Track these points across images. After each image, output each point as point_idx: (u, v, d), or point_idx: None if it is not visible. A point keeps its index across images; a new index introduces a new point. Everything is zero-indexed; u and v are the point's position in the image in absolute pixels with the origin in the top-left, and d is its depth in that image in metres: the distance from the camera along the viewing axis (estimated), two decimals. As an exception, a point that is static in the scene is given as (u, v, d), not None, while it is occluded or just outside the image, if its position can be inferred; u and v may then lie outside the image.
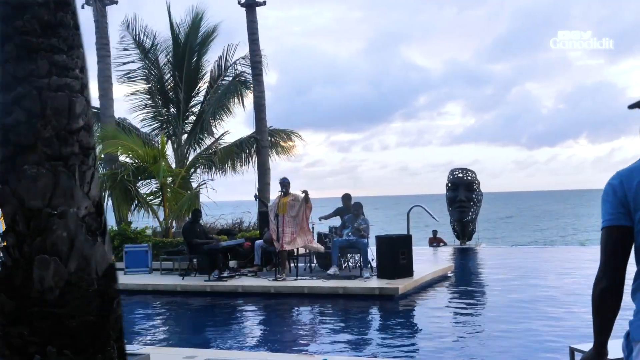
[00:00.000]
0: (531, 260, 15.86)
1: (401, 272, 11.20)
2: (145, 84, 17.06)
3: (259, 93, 16.42)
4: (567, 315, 8.49)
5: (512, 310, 9.08)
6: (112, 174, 14.38)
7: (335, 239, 11.92)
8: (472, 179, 22.02)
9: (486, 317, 8.86)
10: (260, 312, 9.97)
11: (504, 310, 9.08)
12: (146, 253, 13.36)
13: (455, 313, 9.33)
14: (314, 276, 11.77)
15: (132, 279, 12.51)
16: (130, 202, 14.71)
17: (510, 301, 9.78)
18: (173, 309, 10.50)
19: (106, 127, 15.00)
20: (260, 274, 12.30)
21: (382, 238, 11.46)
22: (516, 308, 9.20)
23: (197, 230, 12.38)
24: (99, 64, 15.34)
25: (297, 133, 17.99)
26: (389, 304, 9.98)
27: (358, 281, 11.02)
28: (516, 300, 9.79)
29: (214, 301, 10.76)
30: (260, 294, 10.91)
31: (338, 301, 10.27)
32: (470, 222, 21.93)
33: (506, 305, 9.50)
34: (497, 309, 9.32)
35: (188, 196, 14.10)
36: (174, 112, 17.10)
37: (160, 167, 13.91)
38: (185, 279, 12.10)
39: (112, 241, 13.96)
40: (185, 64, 16.70)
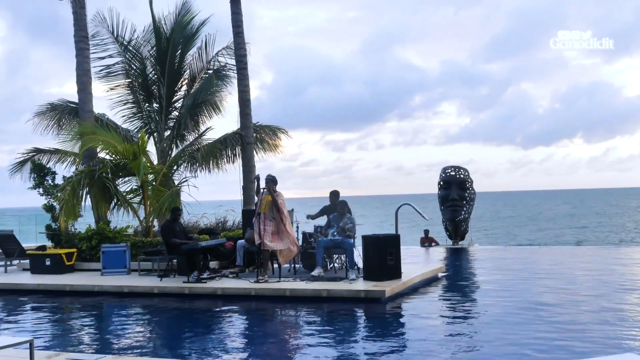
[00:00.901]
0: (526, 260, 15.36)
1: (389, 274, 10.70)
2: (126, 79, 16.47)
3: (244, 88, 15.85)
4: (566, 320, 7.99)
5: (507, 314, 8.57)
6: (89, 171, 13.81)
7: (320, 239, 11.40)
8: (464, 177, 21.52)
9: (479, 321, 8.34)
10: (237, 317, 9.43)
11: (497, 315, 8.57)
12: (124, 253, 12.83)
13: (445, 317, 8.81)
14: (298, 277, 11.25)
15: (108, 280, 11.96)
16: (109, 201, 14.14)
17: (504, 305, 9.27)
18: (147, 312, 9.95)
19: (85, 123, 14.42)
20: (242, 275, 11.77)
21: (369, 238, 10.94)
22: (511, 312, 8.69)
23: (177, 230, 11.84)
24: (78, 57, 14.70)
25: (283, 129, 17.44)
26: (375, 308, 9.46)
27: (343, 283, 10.50)
28: (511, 304, 9.29)
29: (191, 304, 10.23)
30: (240, 297, 10.38)
31: (321, 304, 9.75)
32: (462, 221, 21.45)
33: (500, 309, 8.99)
34: (490, 313, 8.80)
35: (169, 194, 13.54)
36: (157, 107, 16.54)
37: (140, 163, 13.35)
38: (163, 280, 11.58)
39: (90, 240, 13.49)
40: (169, 58, 16.14)
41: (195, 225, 14.94)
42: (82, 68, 14.74)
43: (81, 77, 14.72)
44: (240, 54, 15.88)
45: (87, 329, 8.86)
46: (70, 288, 11.65)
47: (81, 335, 8.37)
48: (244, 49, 15.89)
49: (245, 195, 15.55)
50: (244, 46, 15.88)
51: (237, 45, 15.92)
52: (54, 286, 11.80)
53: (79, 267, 13.54)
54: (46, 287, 11.84)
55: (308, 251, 12.08)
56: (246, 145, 15.77)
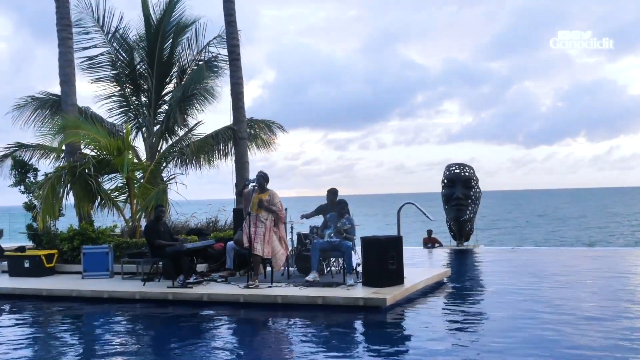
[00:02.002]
0: (537, 264, 14.47)
1: (390, 279, 9.84)
2: (112, 71, 15.58)
3: (237, 80, 14.99)
4: (587, 330, 7.13)
5: (520, 324, 7.72)
6: (70, 167, 12.95)
7: (315, 241, 10.54)
8: (469, 175, 20.65)
9: (489, 334, 7.49)
10: (223, 327, 8.57)
11: (510, 327, 7.71)
12: (106, 255, 11.98)
13: (452, 330, 7.95)
14: (291, 282, 10.40)
15: (88, 284, 11.12)
16: (92, 199, 13.28)
17: (518, 315, 8.41)
18: (124, 321, 9.10)
19: (67, 116, 13.56)
20: (232, 279, 10.94)
21: (369, 240, 10.08)
22: (524, 321, 7.84)
23: (161, 230, 10.99)
24: (60, 47, 13.84)
25: (278, 124, 16.54)
26: (374, 317, 8.61)
27: (340, 289, 9.65)
28: (525, 314, 8.43)
29: (175, 311, 9.39)
30: (227, 304, 9.55)
31: (316, 313, 8.90)
32: (467, 221, 20.60)
33: (513, 320, 8.13)
34: (502, 325, 7.94)
35: (155, 192, 12.69)
36: (145, 101, 15.67)
37: (125, 159, 12.50)
38: (147, 284, 10.76)
39: (71, 241, 12.65)
40: (158, 48, 15.25)
41: (185, 226, 14.13)
42: (65, 59, 13.89)
43: (64, 68, 13.87)
44: (233, 43, 15.02)
45: (56, 340, 8.02)
46: (47, 293, 10.82)
47: (48, 347, 7.54)
48: (236, 38, 15.03)
49: (237, 193, 14.69)
50: (236, 36, 15.03)
51: (229, 35, 15.05)
52: (30, 290, 10.97)
53: (60, 270, 12.71)
54: (22, 292, 11.01)
55: (303, 254, 11.24)
56: (239, 140, 14.91)
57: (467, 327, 7.97)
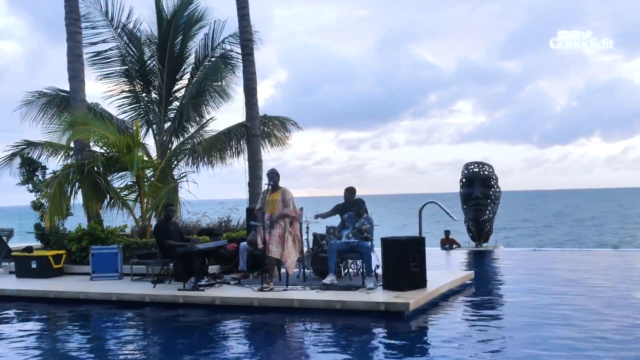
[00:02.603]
0: (561, 265, 13.90)
1: (412, 282, 9.34)
2: (122, 66, 15.16)
3: (250, 75, 14.53)
4: (628, 341, 6.60)
5: (550, 332, 7.20)
6: (79, 164, 12.54)
7: (333, 242, 10.05)
8: (489, 174, 20.07)
9: (518, 340, 6.96)
10: (237, 333, 8.10)
11: (539, 333, 7.19)
12: (115, 256, 11.56)
13: (480, 337, 7.42)
14: (308, 285, 9.91)
15: (96, 286, 10.70)
16: (101, 197, 12.85)
17: (547, 320, 7.88)
18: (133, 325, 8.67)
19: (76, 112, 13.14)
20: (245, 281, 10.48)
21: (389, 241, 9.58)
22: (556, 329, 7.32)
23: (172, 230, 10.54)
24: (69, 42, 13.42)
25: (292, 120, 16.04)
26: (397, 324, 8.11)
27: (359, 293, 9.16)
28: (555, 319, 7.90)
29: (185, 316, 8.94)
30: (240, 308, 9.07)
31: (335, 318, 8.41)
32: (487, 221, 20.01)
33: (543, 325, 7.60)
34: (531, 330, 7.41)
35: (166, 190, 12.26)
36: (156, 97, 15.24)
37: (134, 157, 12.07)
38: (157, 287, 10.31)
39: (80, 241, 12.23)
40: (169, 43, 14.82)
41: (196, 225, 13.68)
42: (73, 53, 13.47)
43: (73, 63, 13.45)
44: (246, 37, 14.55)
45: (62, 345, 7.58)
46: (55, 295, 10.40)
47: (53, 353, 7.10)
48: (249, 32, 14.55)
49: (251, 193, 14.26)
50: (249, 29, 14.55)
51: (242, 29, 14.57)
52: (37, 292, 10.56)
53: (68, 271, 12.30)
54: (28, 294, 10.60)
55: (319, 255, 10.75)
56: (252, 137, 14.44)
57: (496, 336, 7.44)
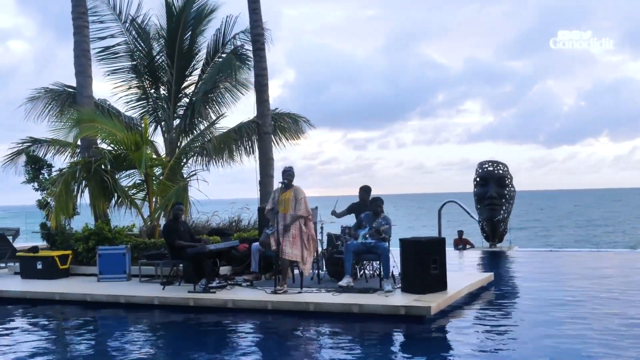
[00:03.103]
0: (579, 266, 13.46)
1: (432, 285, 8.95)
2: (131, 61, 14.79)
3: (261, 71, 14.14)
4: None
5: (587, 335, 6.79)
6: (85, 162, 12.18)
7: (349, 242, 9.66)
8: (504, 173, 19.62)
9: (548, 348, 6.55)
10: (250, 337, 7.72)
11: (566, 339, 6.78)
12: (123, 256, 11.21)
13: (507, 343, 7.01)
14: (323, 288, 9.53)
15: (104, 287, 10.35)
16: (108, 196, 12.50)
17: (572, 325, 7.46)
18: (142, 329, 8.29)
19: (83, 109, 12.79)
20: (258, 283, 10.11)
21: (409, 241, 9.19)
22: (586, 333, 6.91)
23: (181, 230, 10.17)
24: (76, 36, 13.07)
25: (304, 118, 15.64)
26: (417, 328, 7.71)
27: (378, 296, 8.77)
28: (580, 322, 7.49)
29: (196, 319, 8.57)
30: (254, 311, 8.71)
31: (352, 323, 8.04)
32: (501, 221, 19.56)
33: (569, 330, 7.19)
34: (557, 336, 7.00)
35: (175, 189, 11.90)
36: (164, 94, 14.87)
37: (143, 154, 11.71)
38: (166, 289, 9.95)
39: (86, 241, 11.89)
40: (179, 38, 14.45)
41: (206, 225, 13.32)
42: (80, 48, 13.11)
43: (80, 58, 13.10)
44: (257, 32, 14.16)
45: (67, 349, 7.22)
46: (60, 297, 10.05)
47: (59, 358, 6.75)
48: (260, 27, 14.17)
49: (262, 191, 13.88)
50: (260, 24, 14.16)
51: (253, 23, 14.18)
52: (42, 294, 10.22)
53: (74, 272, 11.95)
54: (33, 295, 10.25)
55: (334, 256, 10.37)
56: (263, 135, 14.05)
57: (523, 343, 7.01)
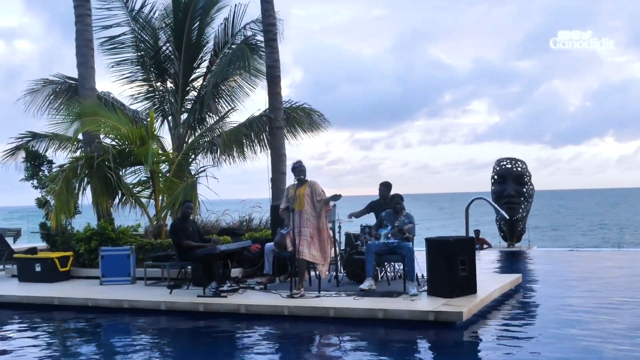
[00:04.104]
0: (605, 266, 12.70)
1: (460, 288, 8.24)
2: (136, 52, 14.09)
3: (273, 62, 13.45)
4: None
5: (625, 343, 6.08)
6: (87, 158, 11.52)
7: (370, 242, 8.96)
8: (522, 171, 18.96)
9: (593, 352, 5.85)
10: (264, 347, 7.01)
11: (611, 346, 6.07)
12: (128, 258, 10.54)
13: (548, 349, 6.29)
14: (342, 291, 8.83)
15: (106, 291, 9.67)
16: (112, 194, 11.83)
17: (614, 331, 6.75)
18: (147, 337, 7.60)
19: (85, 101, 12.12)
20: (272, 286, 9.42)
21: (436, 241, 8.48)
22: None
23: (189, 230, 9.48)
24: (77, 25, 12.40)
25: (318, 112, 14.91)
26: (449, 336, 7.03)
27: (403, 300, 8.07)
28: (624, 327, 6.78)
29: (206, 326, 7.89)
30: (269, 317, 8.02)
31: (376, 329, 7.36)
32: (520, 220, 18.90)
33: (612, 335, 6.47)
34: (601, 342, 6.28)
35: (183, 186, 11.23)
36: (172, 87, 14.19)
37: (149, 149, 11.04)
38: (173, 292, 9.28)
39: (88, 242, 11.22)
40: (186, 28, 13.76)
41: (215, 225, 12.65)
42: (82, 37, 12.42)
43: (82, 48, 12.42)
44: (269, 22, 13.47)
45: (65, 358, 6.56)
46: (60, 302, 9.37)
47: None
48: (272, 16, 13.47)
49: (274, 189, 13.19)
50: (273, 13, 13.46)
51: (264, 13, 13.49)
52: (40, 299, 9.55)
53: (75, 274, 11.29)
54: (30, 300, 9.58)
55: (354, 257, 9.67)
56: (275, 129, 13.36)
57: (566, 350, 6.30)
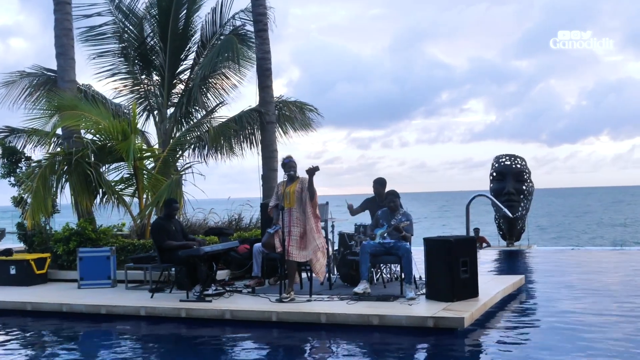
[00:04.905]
0: (611, 265, 12.16)
1: (461, 291, 7.68)
2: (119, 43, 13.45)
3: (264, 54, 12.85)
4: None
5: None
6: (65, 154, 10.90)
7: (365, 242, 8.38)
8: (522, 167, 18.43)
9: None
10: (250, 356, 6.42)
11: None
12: (108, 259, 9.93)
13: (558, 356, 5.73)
14: (335, 295, 8.26)
15: (84, 295, 9.08)
16: (93, 192, 11.20)
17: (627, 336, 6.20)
18: (123, 345, 7.00)
19: (64, 94, 11.49)
20: (260, 289, 8.85)
21: (435, 241, 7.92)
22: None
23: (172, 229, 8.88)
24: (56, 13, 11.74)
25: (311, 106, 14.30)
26: (450, 344, 6.45)
27: (400, 305, 7.50)
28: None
29: (188, 333, 7.30)
30: (255, 323, 7.43)
31: (371, 336, 6.80)
32: (519, 219, 18.36)
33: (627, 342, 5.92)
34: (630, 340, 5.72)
35: (167, 184, 10.63)
36: (157, 80, 13.56)
37: (130, 144, 10.43)
38: (155, 297, 8.69)
39: (67, 243, 10.61)
40: (172, 17, 13.14)
41: (202, 224, 12.06)
42: (61, 27, 11.77)
43: (61, 38, 11.78)
44: (259, 12, 12.86)
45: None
46: (33, 307, 8.76)
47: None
48: (263, 6, 12.86)
49: (265, 187, 12.60)
50: (263, 3, 12.85)
51: (254, 2, 12.86)
52: (12, 304, 8.93)
53: (54, 277, 10.68)
54: (1, 305, 8.97)
55: (348, 258, 9.08)
56: (266, 124, 12.75)
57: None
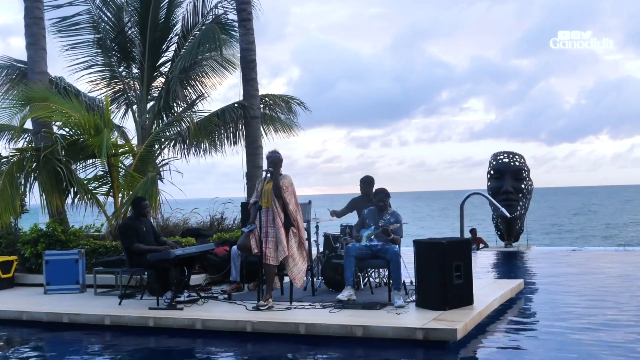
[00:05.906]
0: (615, 267, 11.49)
1: (455, 299, 7.01)
2: (95, 34, 12.75)
3: (248, 45, 12.17)
4: None
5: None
6: (33, 149, 10.22)
7: (350, 245, 7.71)
8: (520, 165, 17.71)
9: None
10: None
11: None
12: (76, 263, 9.27)
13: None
14: (318, 302, 7.59)
15: (48, 302, 8.41)
16: (64, 191, 10.52)
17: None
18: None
19: (35, 86, 10.81)
20: (238, 295, 8.19)
21: (426, 243, 7.25)
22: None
23: (142, 230, 8.20)
24: (27, 2, 11.03)
25: (297, 100, 13.58)
26: (440, 358, 5.78)
27: (387, 314, 6.83)
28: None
29: (154, 345, 6.65)
30: (229, 334, 6.76)
31: (354, 350, 6.12)
32: (518, 218, 17.65)
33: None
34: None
35: (143, 181, 9.96)
36: (137, 72, 12.89)
37: (103, 139, 9.75)
38: (123, 303, 8.02)
39: (35, 245, 9.94)
40: (152, 7, 12.44)
41: (184, 225, 11.41)
42: (31, 15, 11.09)
43: (31, 27, 11.10)
44: (243, 0, 12.21)
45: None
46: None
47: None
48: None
49: (249, 185, 11.94)
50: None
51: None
52: (-30, 312, 8.28)
53: (21, 281, 10.02)
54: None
55: (332, 262, 8.42)
56: (250, 119, 12.09)
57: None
